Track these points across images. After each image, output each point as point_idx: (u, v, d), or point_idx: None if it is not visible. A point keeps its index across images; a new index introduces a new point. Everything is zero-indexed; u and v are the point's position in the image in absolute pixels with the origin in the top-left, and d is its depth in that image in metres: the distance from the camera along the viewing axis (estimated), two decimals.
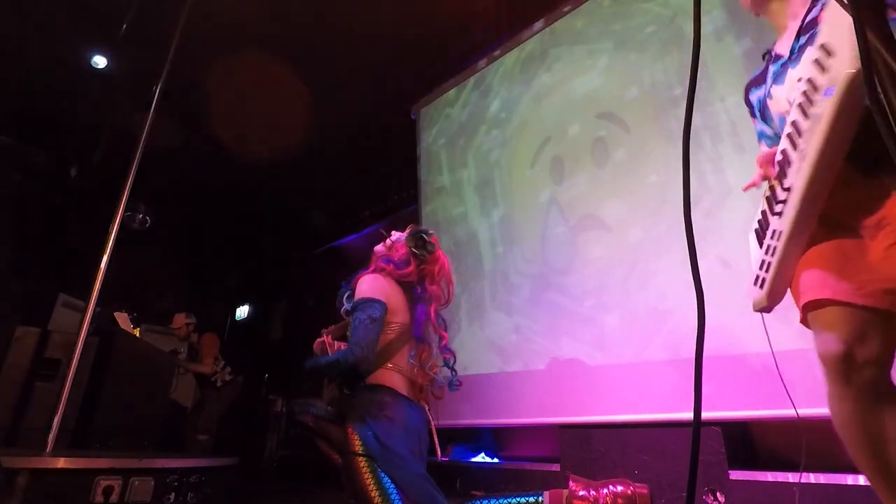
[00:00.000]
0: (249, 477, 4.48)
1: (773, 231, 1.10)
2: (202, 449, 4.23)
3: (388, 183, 5.43)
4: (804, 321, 1.13)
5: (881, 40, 0.48)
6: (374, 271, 2.00)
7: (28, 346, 2.60)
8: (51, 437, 1.93)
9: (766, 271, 1.13)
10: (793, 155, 1.04)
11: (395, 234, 2.15)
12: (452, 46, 4.25)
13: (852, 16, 0.50)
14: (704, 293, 0.85)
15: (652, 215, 2.71)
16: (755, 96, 1.39)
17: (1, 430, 2.43)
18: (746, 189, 1.33)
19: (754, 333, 2.20)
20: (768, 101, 1.29)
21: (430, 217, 4.10)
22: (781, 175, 1.08)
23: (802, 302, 1.08)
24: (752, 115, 1.44)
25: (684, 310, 2.42)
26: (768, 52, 1.34)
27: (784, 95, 1.20)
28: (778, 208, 1.08)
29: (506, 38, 3.94)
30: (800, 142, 1.01)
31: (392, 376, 1.84)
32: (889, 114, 0.46)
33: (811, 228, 1.06)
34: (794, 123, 1.03)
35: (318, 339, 2.00)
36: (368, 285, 1.91)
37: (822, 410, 1.09)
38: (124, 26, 3.94)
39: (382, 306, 1.85)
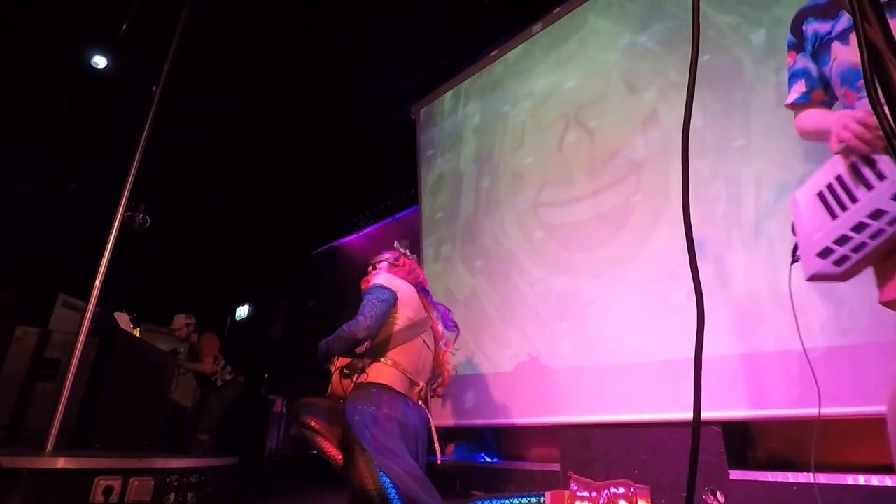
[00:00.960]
0: (249, 477, 4.48)
1: (880, 211, 0.98)
2: (202, 449, 4.23)
3: (388, 183, 5.43)
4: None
5: (881, 40, 0.48)
6: (387, 270, 2.14)
7: (28, 346, 2.61)
8: (51, 437, 1.93)
9: (855, 252, 1.02)
10: None
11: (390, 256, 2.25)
12: (453, 46, 4.25)
13: (852, 16, 0.50)
14: (704, 294, 0.85)
15: (653, 214, 2.71)
16: (812, 28, 1.23)
17: (1, 430, 2.43)
18: (836, 151, 1.10)
19: (754, 333, 2.21)
20: (837, 44, 1.15)
21: (430, 218, 4.10)
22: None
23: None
24: (799, 48, 1.29)
25: (685, 309, 2.42)
26: None
27: None
28: (887, 187, 0.96)
29: (506, 37, 3.94)
30: None
31: (391, 373, 1.85)
32: (889, 114, 0.46)
33: None
34: None
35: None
36: (382, 278, 2.00)
37: (825, 410, 1.08)
38: (124, 26, 3.94)
39: (392, 294, 1.93)
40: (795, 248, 1.15)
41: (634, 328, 2.62)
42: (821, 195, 1.10)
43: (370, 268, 2.24)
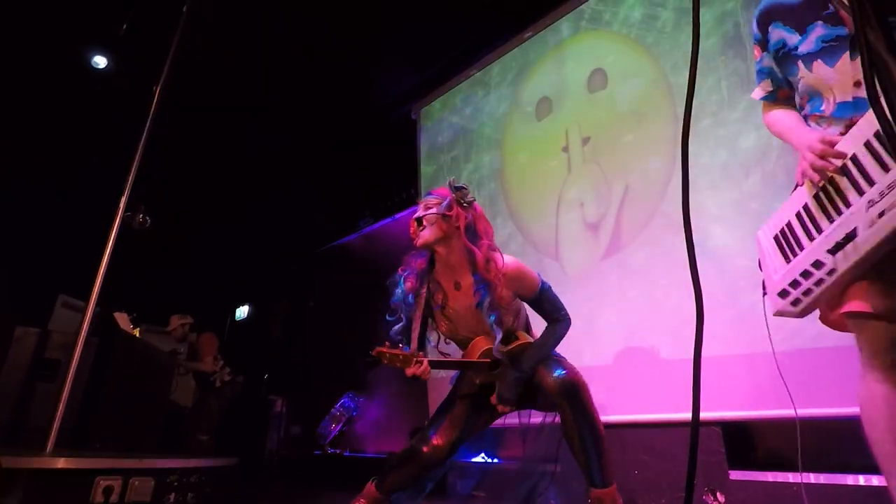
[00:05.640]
0: (249, 477, 4.48)
1: (820, 262, 1.05)
2: (202, 449, 4.22)
3: (388, 183, 5.42)
4: (835, 324, 1.13)
5: (881, 40, 0.48)
6: (494, 249, 1.84)
7: (28, 346, 2.61)
8: (51, 437, 1.93)
9: (805, 295, 1.10)
10: (870, 182, 0.96)
11: (433, 198, 1.87)
12: (453, 45, 4.25)
13: (852, 16, 0.50)
14: (703, 293, 0.85)
15: (653, 213, 2.71)
16: (778, 34, 1.23)
17: (1, 430, 2.43)
18: (801, 183, 1.16)
19: (754, 333, 2.21)
20: (801, 63, 1.16)
21: None
22: (838, 188, 1.01)
23: (847, 310, 1.06)
24: (763, 46, 1.30)
25: (685, 309, 2.42)
26: None
27: (832, 79, 1.10)
28: (828, 243, 1.02)
29: (506, 37, 3.94)
30: (881, 181, 0.93)
31: None
32: (889, 114, 0.46)
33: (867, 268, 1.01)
34: (878, 137, 0.94)
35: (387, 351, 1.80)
36: (524, 266, 1.87)
37: (821, 410, 1.10)
38: (124, 26, 3.94)
39: None
40: (763, 284, 1.25)
41: (634, 328, 2.62)
42: (776, 238, 1.19)
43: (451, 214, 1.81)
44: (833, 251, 1.02)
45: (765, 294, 1.23)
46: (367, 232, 5.63)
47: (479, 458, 3.27)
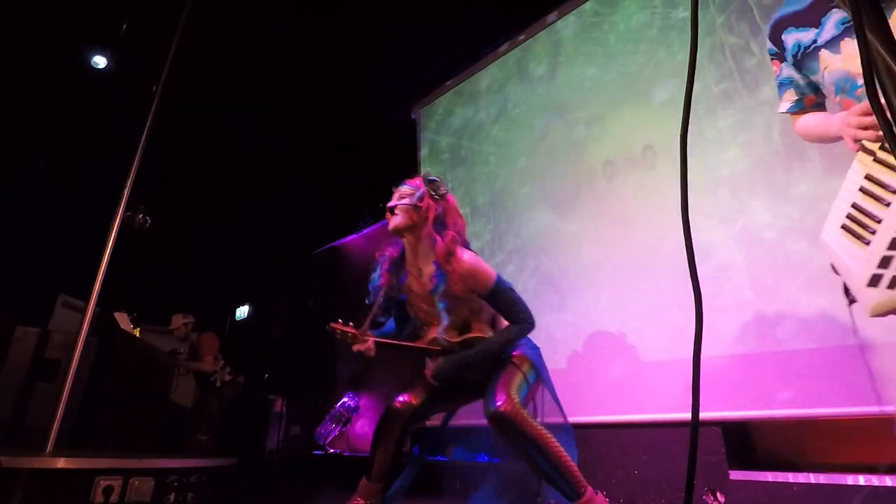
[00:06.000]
0: (249, 477, 4.47)
1: None
2: (202, 449, 4.23)
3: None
4: None
5: (881, 40, 0.48)
6: (457, 242, 1.90)
7: (28, 346, 2.60)
8: (51, 437, 1.93)
9: None
10: None
11: (407, 188, 1.98)
12: (453, 46, 4.25)
13: (852, 16, 0.50)
14: (703, 293, 0.85)
15: (654, 212, 2.71)
16: (793, 38, 1.22)
17: (1, 430, 2.42)
18: (855, 149, 1.08)
19: (753, 333, 2.21)
20: (826, 53, 1.14)
21: None
22: None
23: None
24: (781, 57, 1.29)
25: (684, 309, 2.42)
26: None
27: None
28: None
29: (506, 37, 3.94)
30: None
31: None
32: (889, 114, 0.46)
33: None
34: None
35: (338, 327, 1.89)
36: (481, 264, 1.87)
37: (824, 410, 1.08)
38: (124, 26, 3.94)
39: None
40: (846, 289, 1.13)
41: (634, 328, 2.62)
42: (845, 227, 1.08)
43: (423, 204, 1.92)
44: None
45: (852, 302, 1.12)
46: (367, 232, 5.63)
47: (479, 458, 3.27)
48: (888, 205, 0.98)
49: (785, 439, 2.24)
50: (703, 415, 0.85)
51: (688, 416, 2.16)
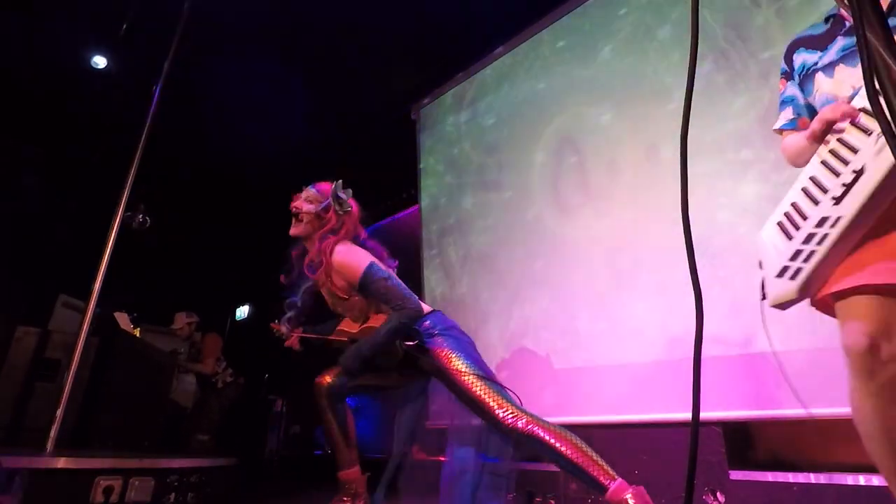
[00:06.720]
0: (249, 477, 4.47)
1: (824, 218, 0.99)
2: (202, 449, 4.23)
3: (388, 183, 5.42)
4: (826, 309, 1.08)
5: (881, 40, 0.48)
6: (342, 240, 2.01)
7: (28, 346, 2.60)
8: (51, 437, 1.93)
9: (806, 261, 1.02)
10: (866, 134, 0.93)
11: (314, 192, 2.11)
12: (453, 46, 4.24)
13: (852, 16, 0.50)
14: (703, 293, 0.85)
15: (654, 212, 2.71)
16: (801, 59, 1.26)
17: (1, 430, 2.43)
18: (809, 139, 1.13)
19: (752, 333, 2.21)
20: (821, 76, 1.18)
21: (431, 218, 4.10)
22: (846, 149, 0.98)
23: (835, 290, 1.02)
24: (788, 76, 1.32)
25: (684, 309, 2.42)
26: (833, 16, 1.21)
27: (854, 75, 1.10)
28: (836, 192, 0.98)
29: (506, 38, 3.94)
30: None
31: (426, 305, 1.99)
32: (889, 114, 0.46)
33: (871, 221, 0.96)
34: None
35: (274, 327, 2.15)
36: (350, 256, 1.95)
37: (824, 410, 1.08)
38: (124, 26, 3.94)
39: (376, 264, 1.95)
40: (762, 284, 1.16)
41: (634, 327, 2.62)
42: (780, 224, 1.13)
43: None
44: (839, 199, 0.96)
45: (763, 297, 1.16)
46: (367, 232, 5.63)
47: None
48: (818, 203, 1.02)
49: (785, 439, 2.24)
50: (703, 415, 0.85)
51: (688, 416, 2.16)
